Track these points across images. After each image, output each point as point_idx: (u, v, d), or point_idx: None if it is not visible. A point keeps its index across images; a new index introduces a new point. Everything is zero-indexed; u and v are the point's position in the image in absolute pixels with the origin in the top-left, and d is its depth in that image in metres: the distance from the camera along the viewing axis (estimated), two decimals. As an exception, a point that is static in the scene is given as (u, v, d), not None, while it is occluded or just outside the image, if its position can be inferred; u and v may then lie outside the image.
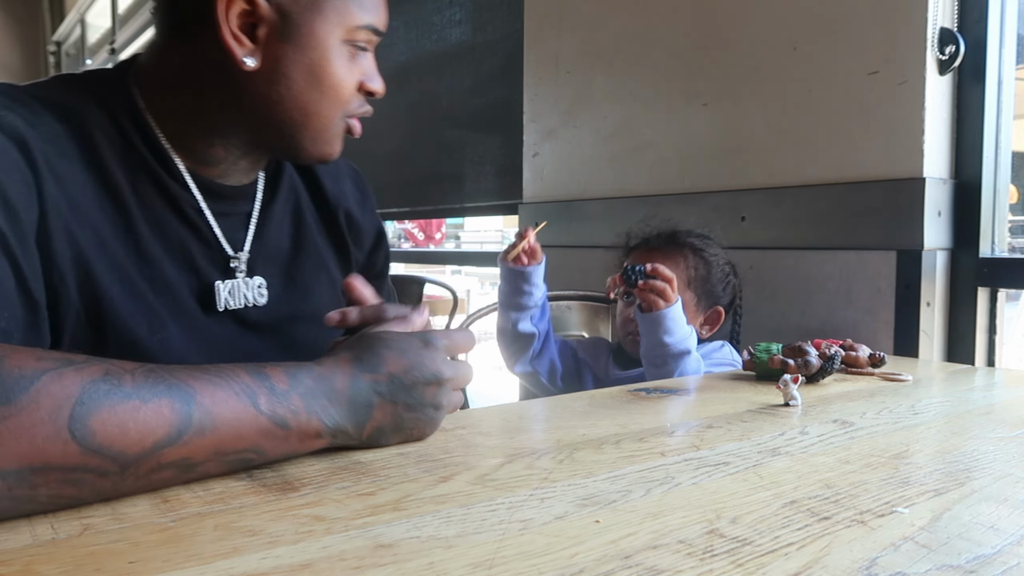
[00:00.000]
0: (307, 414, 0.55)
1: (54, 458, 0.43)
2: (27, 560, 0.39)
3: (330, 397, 0.57)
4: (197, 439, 0.49)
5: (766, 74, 1.51)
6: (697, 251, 1.34)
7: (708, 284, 1.33)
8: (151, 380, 0.48)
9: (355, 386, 0.59)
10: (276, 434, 0.53)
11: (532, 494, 0.51)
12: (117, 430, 0.45)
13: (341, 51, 0.73)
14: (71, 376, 0.45)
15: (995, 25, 1.30)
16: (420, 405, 0.62)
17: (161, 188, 0.74)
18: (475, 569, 0.40)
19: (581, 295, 1.67)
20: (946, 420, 0.78)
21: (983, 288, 1.32)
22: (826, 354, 0.97)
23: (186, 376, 0.50)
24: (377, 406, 0.59)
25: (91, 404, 0.44)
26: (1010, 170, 1.34)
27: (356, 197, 0.94)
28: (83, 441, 0.44)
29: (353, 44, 0.74)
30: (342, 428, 0.58)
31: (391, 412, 0.60)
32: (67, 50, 7.12)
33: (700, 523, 0.47)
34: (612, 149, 1.84)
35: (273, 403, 0.53)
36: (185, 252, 0.75)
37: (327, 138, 0.76)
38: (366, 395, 0.59)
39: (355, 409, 0.58)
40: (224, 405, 0.50)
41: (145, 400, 0.47)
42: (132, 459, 0.46)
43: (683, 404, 0.84)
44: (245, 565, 0.39)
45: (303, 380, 0.56)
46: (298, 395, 0.55)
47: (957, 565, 0.42)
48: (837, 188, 1.39)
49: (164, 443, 0.47)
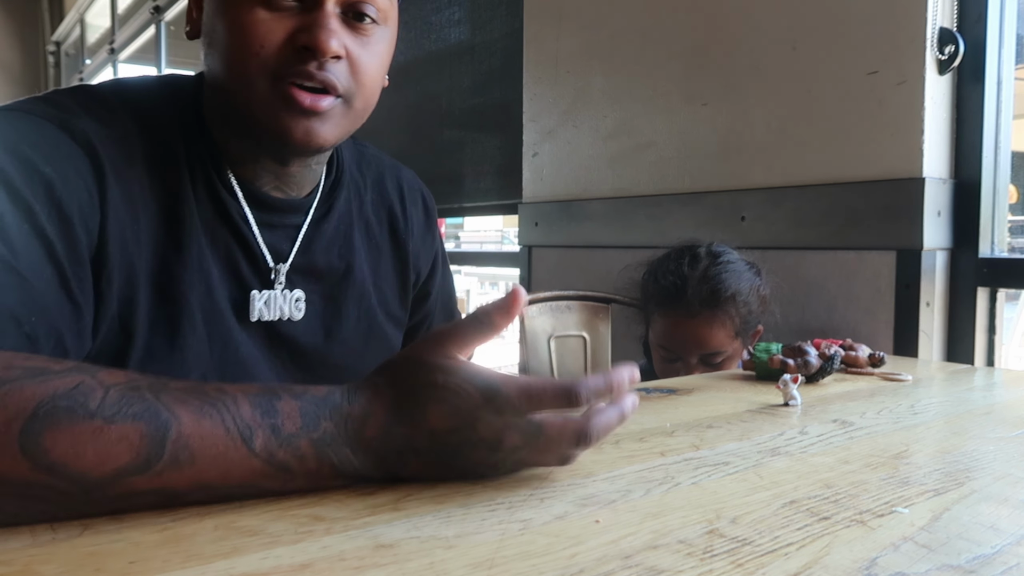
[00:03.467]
0: (317, 461, 0.49)
1: (5, 472, 0.41)
2: (27, 560, 0.39)
3: (354, 447, 0.50)
4: (171, 472, 0.45)
5: (766, 74, 1.51)
6: (735, 299, 1.26)
7: (750, 319, 1.30)
8: (127, 399, 0.45)
9: (387, 438, 0.51)
10: (275, 476, 0.48)
11: (532, 494, 0.51)
12: (72, 451, 0.42)
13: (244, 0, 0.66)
14: (33, 389, 0.43)
15: (995, 25, 1.30)
16: (465, 464, 0.52)
17: (214, 195, 0.73)
18: (475, 569, 0.40)
19: (581, 295, 1.67)
20: (946, 420, 0.78)
21: (983, 288, 1.32)
22: (826, 354, 0.97)
23: (172, 400, 0.46)
24: (413, 461, 0.52)
25: (46, 420, 0.42)
26: (1010, 170, 1.34)
27: (422, 223, 0.92)
28: (34, 458, 0.42)
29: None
30: (364, 475, 0.51)
31: (430, 466, 0.52)
32: (66, 50, 7.12)
33: (700, 523, 0.47)
34: (612, 149, 1.84)
35: (272, 446, 0.47)
36: (230, 260, 0.74)
37: (262, 106, 0.67)
38: (400, 450, 0.51)
39: (385, 462, 0.51)
40: (208, 440, 0.46)
41: (110, 420, 0.43)
42: (93, 483, 0.43)
43: (683, 404, 0.84)
44: (245, 565, 0.39)
45: (320, 423, 0.49)
46: (309, 441, 0.49)
47: (957, 565, 0.42)
48: (837, 188, 1.39)
49: (130, 471, 0.44)
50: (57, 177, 0.61)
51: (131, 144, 0.68)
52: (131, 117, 0.69)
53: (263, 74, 0.66)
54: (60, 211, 0.60)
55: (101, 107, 0.67)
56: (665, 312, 1.30)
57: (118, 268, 0.65)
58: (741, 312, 1.27)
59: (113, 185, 0.65)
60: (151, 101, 0.72)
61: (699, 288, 1.25)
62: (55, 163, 0.61)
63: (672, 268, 1.29)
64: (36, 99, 0.66)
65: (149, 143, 0.69)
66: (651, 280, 1.33)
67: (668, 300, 1.28)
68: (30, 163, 0.60)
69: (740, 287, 1.27)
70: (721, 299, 1.25)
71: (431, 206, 0.95)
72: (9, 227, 0.57)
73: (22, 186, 0.58)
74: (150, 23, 5.15)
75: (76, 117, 0.65)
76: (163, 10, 4.95)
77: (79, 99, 0.67)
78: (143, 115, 0.70)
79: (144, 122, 0.70)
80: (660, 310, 1.31)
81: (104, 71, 6.17)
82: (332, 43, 0.66)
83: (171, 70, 5.09)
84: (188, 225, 0.71)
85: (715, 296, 1.25)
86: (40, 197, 0.59)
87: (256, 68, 0.66)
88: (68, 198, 0.61)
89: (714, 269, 1.27)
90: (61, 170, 0.61)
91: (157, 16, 5.01)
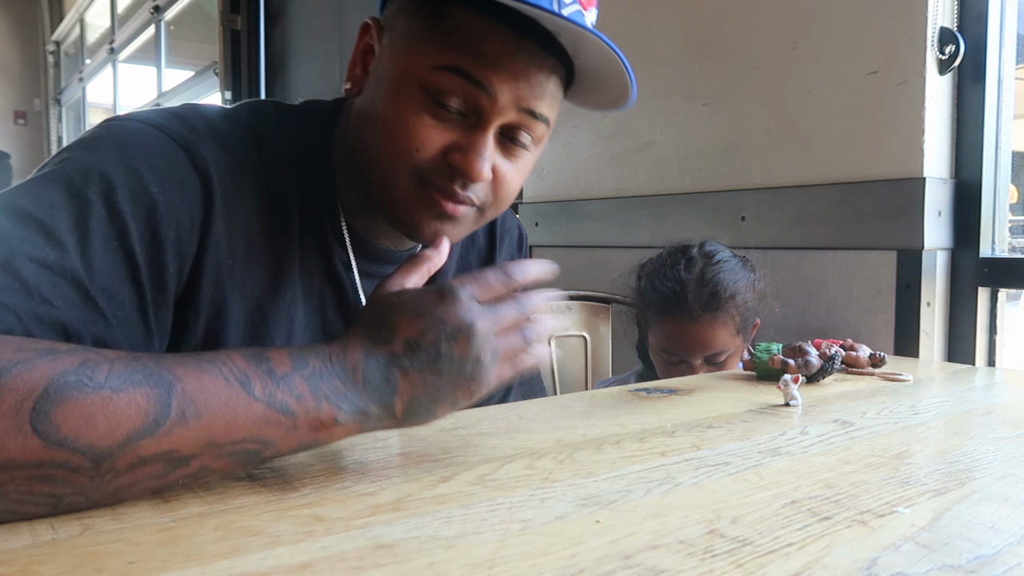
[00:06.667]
0: (315, 399, 0.50)
1: (16, 454, 0.41)
2: (27, 560, 0.39)
3: (343, 378, 0.51)
4: (179, 428, 0.45)
5: (766, 74, 1.51)
6: (734, 299, 1.26)
7: (748, 315, 1.30)
8: (130, 368, 0.46)
9: (369, 362, 0.53)
10: (280, 422, 0.49)
11: (532, 494, 0.51)
12: (83, 422, 0.43)
13: (416, 96, 0.64)
14: (42, 367, 0.43)
15: (995, 25, 1.30)
16: (451, 365, 0.54)
17: (321, 239, 0.73)
18: (475, 569, 0.40)
19: (581, 295, 1.66)
20: (946, 420, 0.78)
21: (983, 288, 1.32)
22: (826, 354, 0.97)
23: (171, 363, 0.47)
24: (400, 380, 0.53)
25: (56, 396, 0.43)
26: (1010, 170, 1.34)
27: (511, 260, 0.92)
28: (46, 435, 0.42)
29: (433, 92, 0.64)
30: (364, 411, 0.52)
31: (419, 382, 0.53)
32: (66, 49, 7.13)
33: (700, 523, 0.47)
34: (612, 149, 1.84)
35: (270, 388, 0.49)
36: (320, 305, 0.74)
37: (401, 201, 0.67)
38: (383, 370, 0.53)
39: (375, 388, 0.52)
40: (210, 391, 0.47)
41: (117, 390, 0.44)
42: (104, 452, 0.43)
43: (683, 404, 0.84)
44: (245, 565, 0.39)
45: (308, 361, 0.51)
46: (302, 378, 0.50)
47: (958, 565, 0.42)
48: (837, 188, 1.39)
49: (140, 434, 0.44)
50: (163, 200, 0.61)
51: (248, 177, 0.68)
52: (256, 148, 0.69)
53: (411, 174, 0.66)
54: (155, 233, 0.60)
55: (230, 134, 0.67)
56: (665, 318, 1.30)
57: (208, 301, 0.65)
58: (740, 310, 1.27)
59: (219, 217, 0.65)
60: (283, 133, 0.71)
61: (698, 292, 1.25)
62: (166, 185, 0.61)
63: (668, 273, 1.29)
64: (173, 114, 0.66)
65: (267, 180, 0.69)
66: (648, 287, 1.33)
67: (668, 306, 1.28)
68: (140, 180, 0.60)
69: (738, 286, 1.27)
70: (721, 301, 1.25)
71: (525, 246, 0.95)
72: (96, 241, 0.56)
73: (124, 202, 0.58)
74: (150, 23, 5.15)
75: (203, 142, 0.65)
76: (163, 10, 4.95)
77: (212, 121, 0.67)
78: (270, 149, 0.70)
79: (269, 157, 0.70)
80: (660, 316, 1.31)
81: (104, 71, 6.17)
82: (485, 172, 0.66)
83: (171, 70, 5.09)
84: (287, 267, 0.70)
85: (715, 298, 1.25)
86: (139, 217, 0.59)
87: (407, 168, 0.66)
88: (167, 222, 0.61)
89: (711, 271, 1.27)
90: (169, 193, 0.61)
91: (157, 16, 5.02)
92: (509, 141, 0.68)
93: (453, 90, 0.64)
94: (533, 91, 0.65)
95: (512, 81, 0.64)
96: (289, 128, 0.73)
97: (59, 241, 0.54)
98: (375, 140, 0.67)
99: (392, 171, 0.67)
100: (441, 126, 0.65)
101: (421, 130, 0.65)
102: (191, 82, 4.57)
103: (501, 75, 0.64)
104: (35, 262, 0.52)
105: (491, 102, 0.64)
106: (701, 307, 1.25)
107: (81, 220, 0.56)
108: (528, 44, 0.64)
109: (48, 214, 0.55)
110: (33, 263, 0.52)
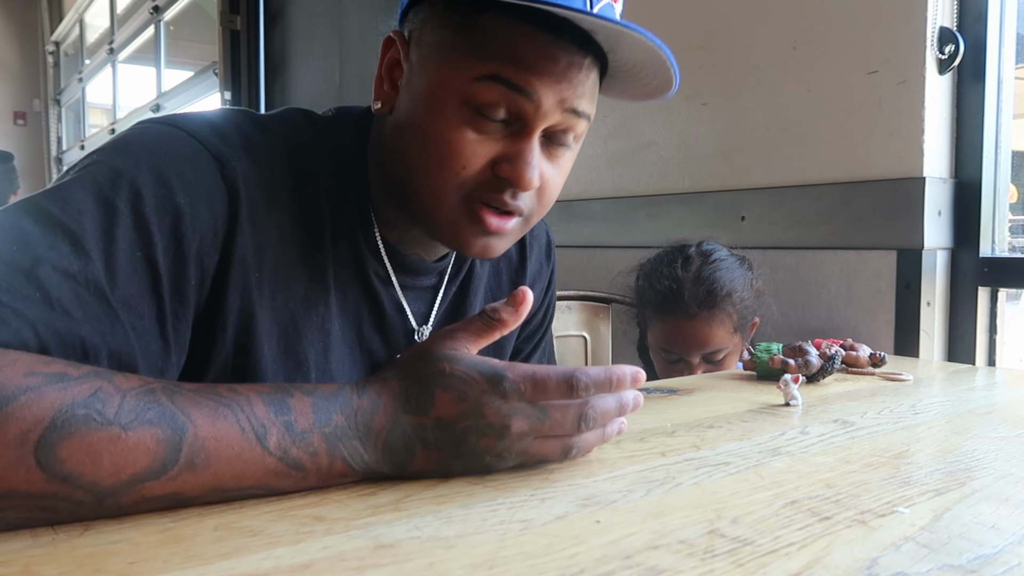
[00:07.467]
0: (329, 457, 0.50)
1: (18, 485, 0.41)
2: (27, 560, 0.39)
3: (363, 439, 0.51)
4: (187, 475, 0.45)
5: (766, 74, 1.51)
6: (731, 296, 1.27)
7: (746, 313, 1.30)
8: (143, 403, 0.45)
9: (395, 429, 0.52)
10: (289, 475, 0.49)
11: (533, 494, 0.51)
12: (88, 459, 0.42)
13: (457, 111, 0.63)
14: (51, 396, 0.42)
15: (995, 24, 1.30)
16: (471, 453, 0.53)
17: (355, 251, 0.71)
18: (475, 569, 0.40)
19: (581, 295, 1.66)
20: (947, 420, 0.78)
21: (983, 288, 1.32)
22: (826, 354, 0.97)
23: (187, 403, 0.46)
24: (420, 452, 0.53)
25: (63, 429, 0.42)
26: (1010, 169, 1.34)
27: (536, 271, 0.91)
28: (49, 469, 0.41)
29: (475, 104, 0.62)
30: (376, 469, 0.52)
31: (436, 458, 0.53)
32: (66, 49, 7.12)
33: (701, 523, 0.47)
34: (612, 149, 1.84)
35: (285, 443, 0.48)
36: (356, 318, 0.73)
37: (447, 219, 0.66)
38: (407, 440, 0.52)
39: (392, 451, 0.52)
40: (223, 441, 0.46)
41: (127, 427, 0.43)
42: (107, 490, 0.43)
43: (683, 404, 0.84)
44: (245, 565, 0.39)
45: (331, 418, 0.50)
46: (321, 435, 0.50)
47: (958, 565, 0.42)
48: (837, 188, 1.39)
49: (146, 476, 0.44)
50: (189, 211, 0.60)
51: (280, 188, 0.66)
52: (290, 159, 0.68)
53: (458, 192, 0.65)
54: (179, 245, 0.59)
55: (262, 144, 0.66)
56: (663, 316, 1.31)
57: (235, 314, 0.64)
58: (738, 308, 1.28)
59: (245, 229, 0.63)
60: (316, 144, 0.70)
61: (695, 290, 1.26)
62: (193, 195, 0.60)
63: (666, 272, 1.30)
64: (207, 120, 0.65)
65: (300, 191, 0.68)
66: (646, 286, 1.34)
67: (665, 305, 1.29)
68: (168, 189, 0.59)
69: (734, 284, 1.28)
70: (718, 298, 1.26)
71: (552, 252, 0.94)
72: (121, 251, 0.56)
73: (151, 212, 0.58)
74: (149, 23, 5.15)
75: (234, 153, 0.63)
76: (162, 10, 4.95)
77: (245, 131, 0.66)
78: (303, 160, 0.68)
79: (301, 168, 0.68)
80: (658, 315, 1.31)
81: (103, 71, 6.17)
82: (535, 179, 0.65)
83: (170, 71, 5.09)
84: (322, 279, 0.69)
85: (711, 296, 1.25)
86: (165, 228, 0.58)
87: (452, 186, 0.64)
88: (191, 234, 0.60)
89: (707, 269, 1.28)
90: (195, 204, 0.60)
91: (156, 16, 5.01)
92: (551, 142, 0.67)
93: (495, 100, 0.62)
94: (575, 90, 0.64)
95: (554, 84, 0.63)
96: (322, 139, 0.71)
97: (85, 250, 0.54)
98: (417, 159, 0.65)
99: (438, 190, 0.65)
100: (485, 138, 0.63)
101: (466, 146, 0.63)
102: (190, 82, 4.57)
103: (543, 79, 0.62)
104: (59, 271, 0.52)
105: (534, 107, 0.63)
106: (698, 305, 1.25)
107: (108, 229, 0.56)
108: (565, 44, 0.62)
109: (76, 220, 0.54)
110: (57, 272, 0.51)
